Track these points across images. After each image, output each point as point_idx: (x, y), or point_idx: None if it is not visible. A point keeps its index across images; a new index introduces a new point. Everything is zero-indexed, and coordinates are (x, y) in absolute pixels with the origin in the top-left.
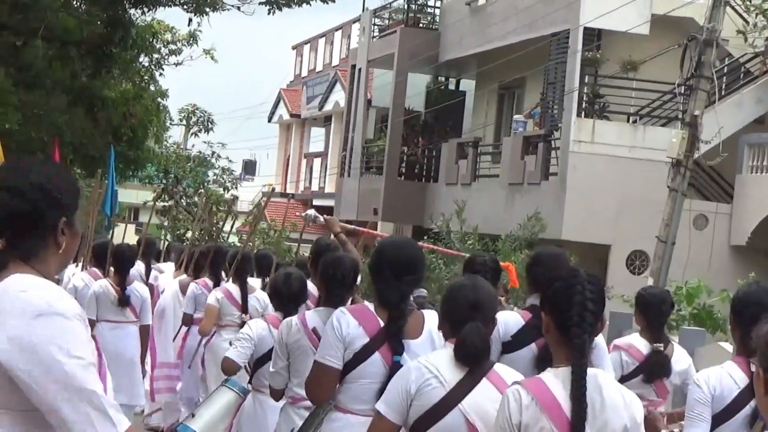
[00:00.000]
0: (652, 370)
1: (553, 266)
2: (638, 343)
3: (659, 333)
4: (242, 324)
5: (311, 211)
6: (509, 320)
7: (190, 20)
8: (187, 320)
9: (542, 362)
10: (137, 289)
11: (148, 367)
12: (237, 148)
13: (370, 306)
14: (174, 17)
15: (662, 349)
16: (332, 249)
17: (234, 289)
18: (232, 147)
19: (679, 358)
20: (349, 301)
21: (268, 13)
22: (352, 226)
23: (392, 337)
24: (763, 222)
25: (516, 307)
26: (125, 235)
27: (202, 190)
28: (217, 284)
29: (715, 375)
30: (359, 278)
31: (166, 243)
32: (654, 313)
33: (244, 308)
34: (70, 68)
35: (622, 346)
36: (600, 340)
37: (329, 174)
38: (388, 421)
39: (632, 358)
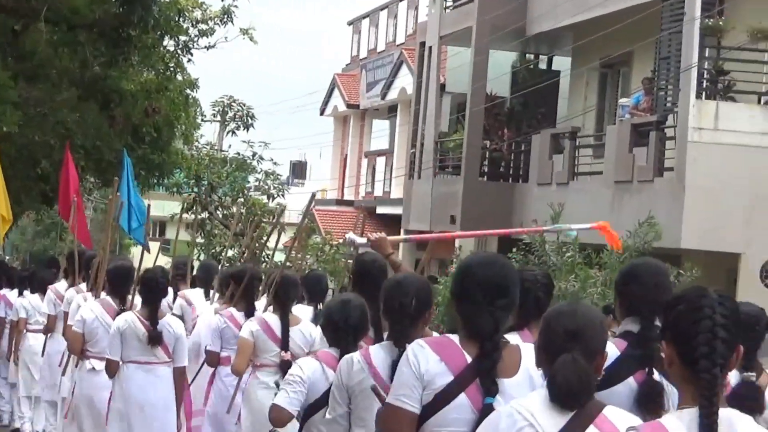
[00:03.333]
0: (741, 404)
1: (653, 283)
2: None
3: (752, 360)
4: (282, 364)
5: (351, 234)
6: None
7: None
8: (214, 360)
9: (643, 400)
10: (170, 323)
11: (183, 418)
12: (283, 148)
13: (454, 338)
14: None
15: (754, 379)
16: (378, 267)
17: (273, 320)
18: (277, 146)
19: None
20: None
21: None
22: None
23: (483, 375)
24: None
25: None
26: (152, 255)
27: (242, 199)
28: (249, 315)
29: None
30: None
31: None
32: (746, 335)
33: (284, 344)
34: (80, 56)
35: None
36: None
37: (395, 176)
38: None
39: None
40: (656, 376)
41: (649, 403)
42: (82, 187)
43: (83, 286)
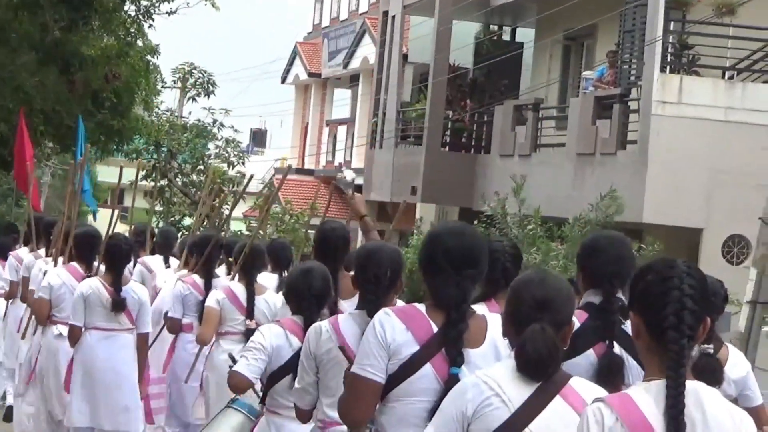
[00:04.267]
0: (700, 377)
1: (614, 256)
2: None
3: (709, 333)
4: (247, 332)
5: (346, 170)
6: None
7: None
8: (175, 327)
9: (603, 372)
10: (134, 289)
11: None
12: (244, 115)
13: (421, 307)
14: None
15: (712, 352)
16: (339, 235)
17: (239, 288)
18: (237, 114)
19: (735, 364)
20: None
21: None
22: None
23: (450, 345)
24: None
25: None
26: (114, 223)
27: (202, 167)
28: (210, 283)
29: None
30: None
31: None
32: None
33: (249, 312)
34: (40, 19)
35: None
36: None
37: (357, 145)
38: None
39: None
40: (616, 348)
41: (609, 376)
42: (40, 152)
43: (42, 252)
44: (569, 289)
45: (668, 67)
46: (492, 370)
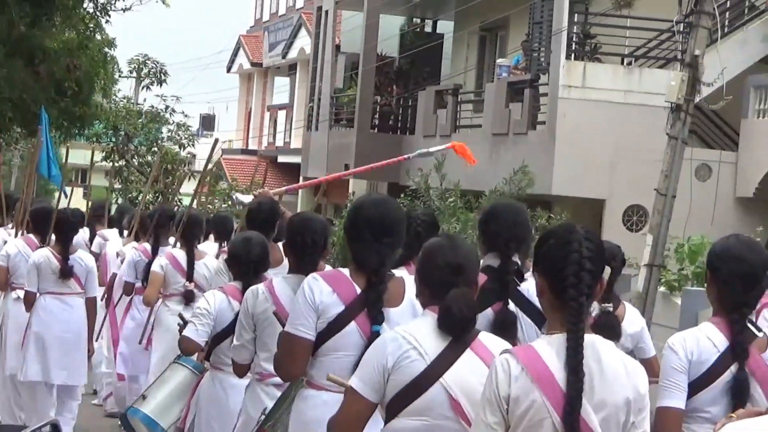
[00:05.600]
0: (600, 332)
1: (510, 222)
2: None
3: (609, 293)
4: (186, 293)
5: (236, 194)
6: None
7: None
8: (128, 289)
9: (498, 327)
10: (81, 258)
11: (97, 344)
12: (193, 102)
13: (345, 271)
14: None
15: (611, 309)
16: (269, 208)
17: (180, 254)
18: (188, 100)
19: (632, 320)
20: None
21: None
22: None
23: (371, 305)
24: None
25: None
26: (71, 199)
27: (156, 148)
28: (155, 249)
29: (692, 338)
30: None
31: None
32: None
33: (189, 276)
34: (7, 16)
35: None
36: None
37: (295, 128)
38: (362, 398)
39: None
40: (511, 306)
41: (503, 331)
42: (9, 137)
43: (10, 225)
44: (476, 254)
45: (573, 55)
46: (409, 326)
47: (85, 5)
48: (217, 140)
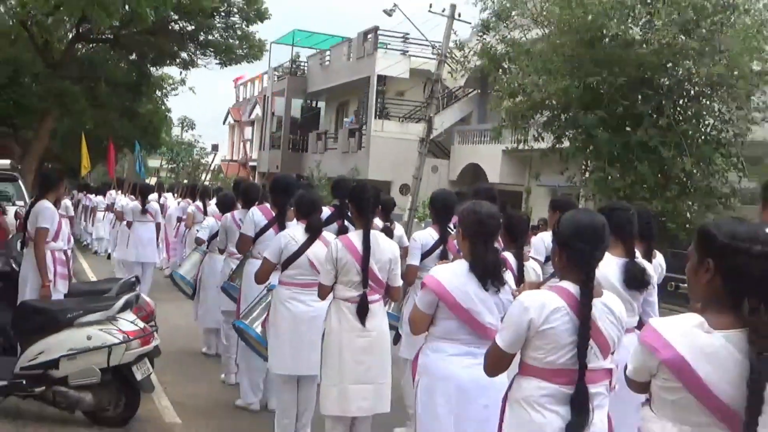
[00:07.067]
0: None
1: (343, 185)
2: None
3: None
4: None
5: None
6: None
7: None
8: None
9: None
10: (152, 206)
11: (162, 244)
12: (208, 137)
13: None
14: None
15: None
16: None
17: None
18: (205, 136)
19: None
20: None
21: None
22: None
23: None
24: (464, 168)
25: None
26: (149, 181)
27: (189, 162)
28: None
29: (423, 234)
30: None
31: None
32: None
33: (204, 211)
34: (124, 98)
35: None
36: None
37: (256, 149)
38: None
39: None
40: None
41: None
42: (123, 154)
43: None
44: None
45: (376, 116)
46: (292, 229)
47: (156, 93)
48: (216, 153)
